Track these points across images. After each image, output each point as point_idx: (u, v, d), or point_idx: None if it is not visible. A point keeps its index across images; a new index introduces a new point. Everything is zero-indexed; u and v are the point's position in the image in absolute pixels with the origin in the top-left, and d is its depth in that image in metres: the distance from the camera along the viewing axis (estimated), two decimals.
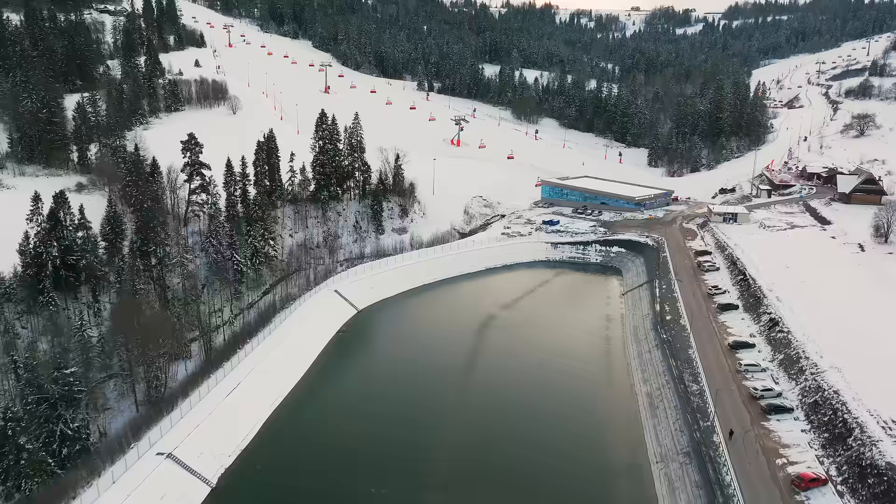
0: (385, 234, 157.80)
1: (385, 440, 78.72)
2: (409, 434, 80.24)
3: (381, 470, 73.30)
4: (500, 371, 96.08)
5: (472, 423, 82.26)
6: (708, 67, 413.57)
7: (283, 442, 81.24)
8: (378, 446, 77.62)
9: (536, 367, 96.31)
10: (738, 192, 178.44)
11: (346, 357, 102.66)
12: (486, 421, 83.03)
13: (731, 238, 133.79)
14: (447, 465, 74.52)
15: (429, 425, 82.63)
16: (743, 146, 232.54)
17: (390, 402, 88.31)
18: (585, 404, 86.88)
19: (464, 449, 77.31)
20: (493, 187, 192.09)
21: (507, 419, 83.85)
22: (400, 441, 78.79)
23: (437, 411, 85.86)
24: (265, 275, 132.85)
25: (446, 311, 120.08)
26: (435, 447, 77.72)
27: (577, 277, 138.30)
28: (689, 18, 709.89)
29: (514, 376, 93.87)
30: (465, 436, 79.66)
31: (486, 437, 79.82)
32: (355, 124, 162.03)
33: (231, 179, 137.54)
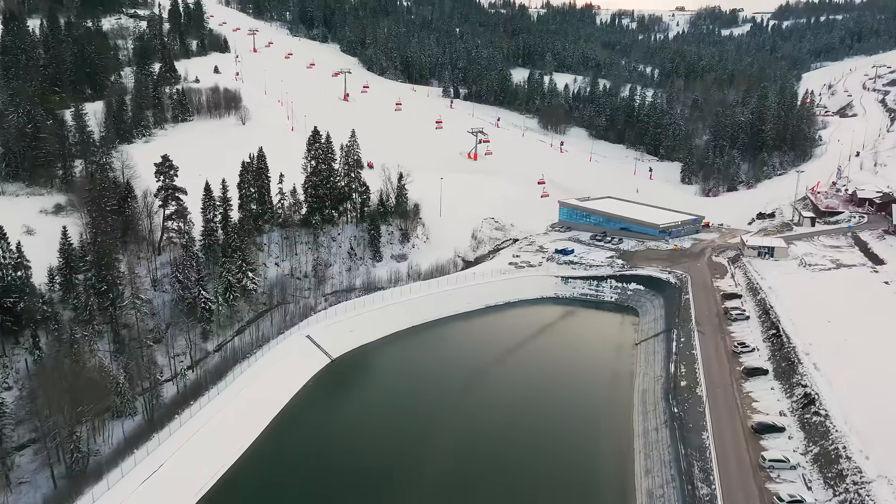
0: (383, 261, 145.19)
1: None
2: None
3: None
4: (474, 450, 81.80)
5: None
6: (753, 71, 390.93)
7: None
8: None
9: (522, 444, 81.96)
10: (778, 217, 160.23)
11: (306, 419, 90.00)
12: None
13: (766, 278, 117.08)
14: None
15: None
16: (787, 162, 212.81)
17: (353, 473, 75.84)
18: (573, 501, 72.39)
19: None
20: (508, 206, 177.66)
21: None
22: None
23: (409, 480, 73.54)
24: (243, 309, 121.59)
25: (430, 362, 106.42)
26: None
27: (588, 319, 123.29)
28: (737, 19, 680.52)
29: (491, 458, 79.64)
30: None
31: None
32: (352, 142, 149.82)
33: (210, 204, 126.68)
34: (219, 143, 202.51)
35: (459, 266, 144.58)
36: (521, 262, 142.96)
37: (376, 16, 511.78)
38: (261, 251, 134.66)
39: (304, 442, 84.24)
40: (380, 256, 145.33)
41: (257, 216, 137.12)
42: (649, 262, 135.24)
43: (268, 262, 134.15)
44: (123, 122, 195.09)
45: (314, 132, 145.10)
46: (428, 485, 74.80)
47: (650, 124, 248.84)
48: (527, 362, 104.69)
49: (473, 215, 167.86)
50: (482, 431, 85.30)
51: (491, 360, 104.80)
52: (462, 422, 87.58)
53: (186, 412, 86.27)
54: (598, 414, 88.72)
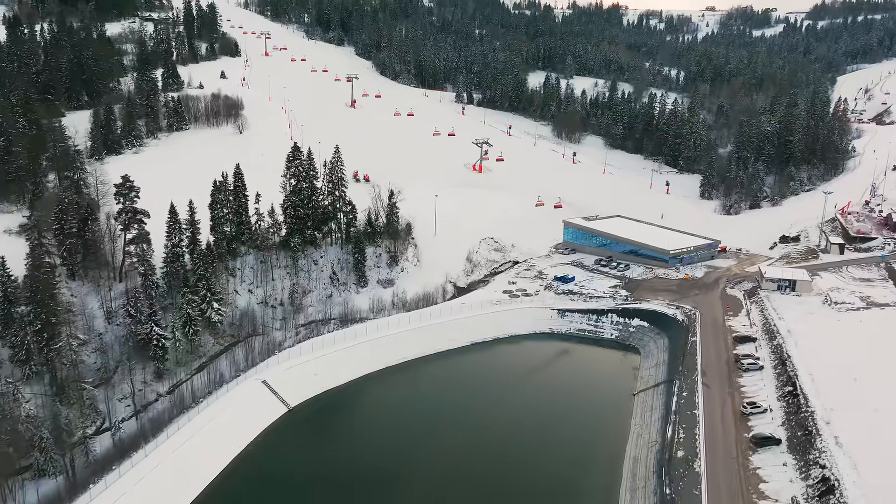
0: (368, 286, 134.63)
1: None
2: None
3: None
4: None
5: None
6: (784, 75, 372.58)
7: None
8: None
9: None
10: (803, 241, 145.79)
11: (251, 480, 79.52)
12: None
13: (785, 318, 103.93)
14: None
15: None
16: (816, 176, 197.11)
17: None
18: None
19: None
20: (511, 223, 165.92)
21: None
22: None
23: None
24: (207, 343, 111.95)
25: (400, 410, 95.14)
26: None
27: (584, 359, 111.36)
28: (769, 19, 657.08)
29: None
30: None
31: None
32: (336, 158, 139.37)
33: (175, 227, 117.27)
34: (212, 153, 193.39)
35: (449, 294, 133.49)
36: (517, 290, 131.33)
37: (396, 18, 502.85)
38: (233, 276, 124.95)
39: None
40: (365, 281, 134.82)
41: (231, 239, 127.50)
42: (656, 293, 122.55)
43: (240, 288, 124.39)
44: (111, 131, 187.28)
45: (293, 149, 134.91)
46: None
47: (669, 133, 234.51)
48: (510, 412, 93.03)
49: (471, 234, 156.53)
50: (451, 491, 74.36)
51: (469, 409, 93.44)
52: (431, 479, 76.94)
53: (115, 471, 76.58)
54: (579, 489, 76.70)
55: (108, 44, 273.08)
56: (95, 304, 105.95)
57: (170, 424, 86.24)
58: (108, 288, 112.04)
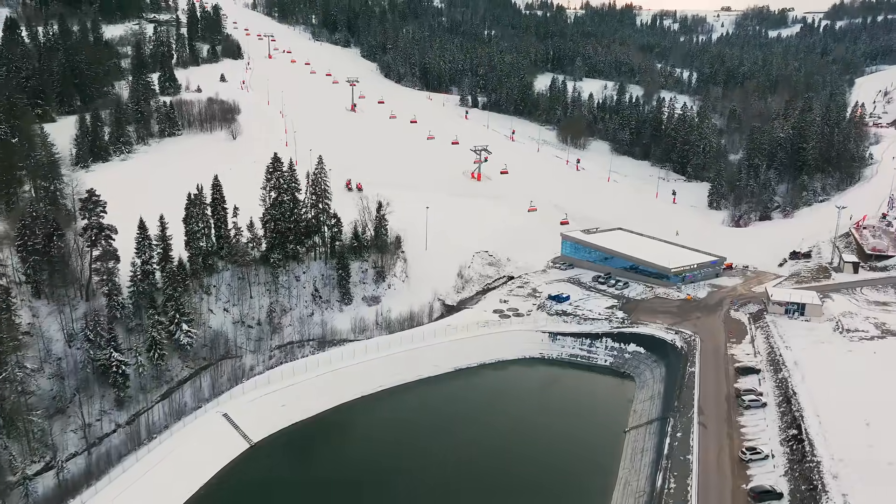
0: (352, 304, 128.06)
1: None
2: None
3: None
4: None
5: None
6: (800, 77, 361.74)
7: None
8: None
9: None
10: (815, 258, 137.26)
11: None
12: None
13: (792, 347, 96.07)
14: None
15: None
16: (830, 186, 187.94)
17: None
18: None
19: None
20: (508, 235, 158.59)
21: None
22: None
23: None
24: (176, 367, 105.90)
25: (372, 445, 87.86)
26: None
27: (575, 388, 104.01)
28: (786, 19, 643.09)
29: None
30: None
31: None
32: (319, 170, 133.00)
33: (145, 244, 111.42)
34: (203, 160, 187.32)
35: (437, 313, 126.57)
36: (508, 309, 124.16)
37: (405, 19, 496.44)
38: (207, 294, 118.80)
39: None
40: (349, 299, 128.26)
41: (207, 254, 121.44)
42: (655, 315, 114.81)
43: (214, 307, 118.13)
44: (98, 138, 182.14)
45: (274, 159, 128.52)
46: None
47: (677, 139, 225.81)
48: (490, 448, 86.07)
49: (466, 247, 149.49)
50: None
51: (446, 445, 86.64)
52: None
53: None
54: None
55: (106, 47, 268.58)
56: (53, 326, 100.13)
57: (123, 460, 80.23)
58: (73, 308, 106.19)
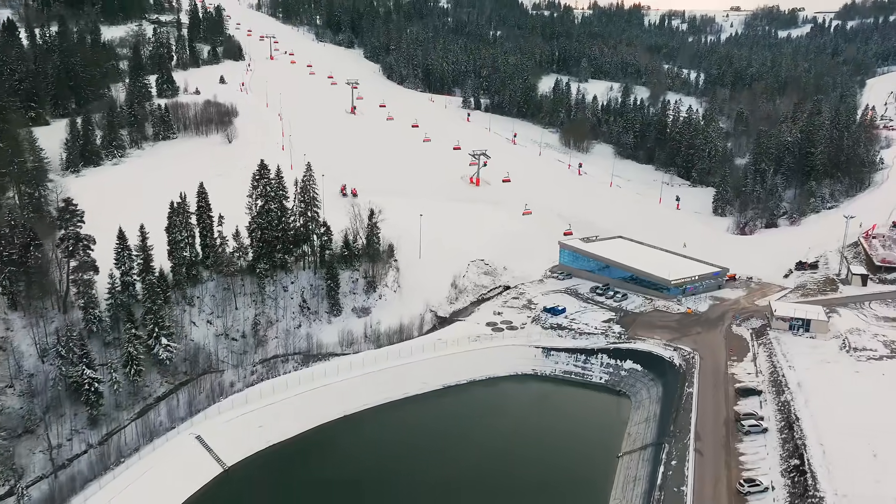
0: (342, 315, 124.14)
1: None
2: None
3: None
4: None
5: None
6: (810, 79, 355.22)
7: None
8: None
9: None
10: (822, 269, 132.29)
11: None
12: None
13: (795, 366, 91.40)
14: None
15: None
16: (839, 192, 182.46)
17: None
18: None
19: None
20: (506, 242, 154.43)
21: None
22: None
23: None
24: (155, 382, 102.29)
25: (351, 469, 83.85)
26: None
27: (568, 407, 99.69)
28: (796, 19, 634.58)
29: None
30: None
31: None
32: (308, 176, 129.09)
33: (125, 255, 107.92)
34: (196, 164, 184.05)
35: (429, 325, 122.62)
36: (502, 322, 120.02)
37: (410, 19, 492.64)
38: (191, 306, 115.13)
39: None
40: (338, 310, 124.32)
41: (191, 264, 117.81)
42: (653, 330, 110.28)
43: (198, 319, 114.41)
44: (90, 142, 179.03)
45: (260, 166, 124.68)
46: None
47: (682, 143, 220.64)
48: (478, 471, 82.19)
49: (461, 255, 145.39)
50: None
51: (431, 467, 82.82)
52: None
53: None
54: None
55: (104, 49, 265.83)
56: (25, 341, 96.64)
57: (87, 486, 76.65)
58: (50, 320, 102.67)
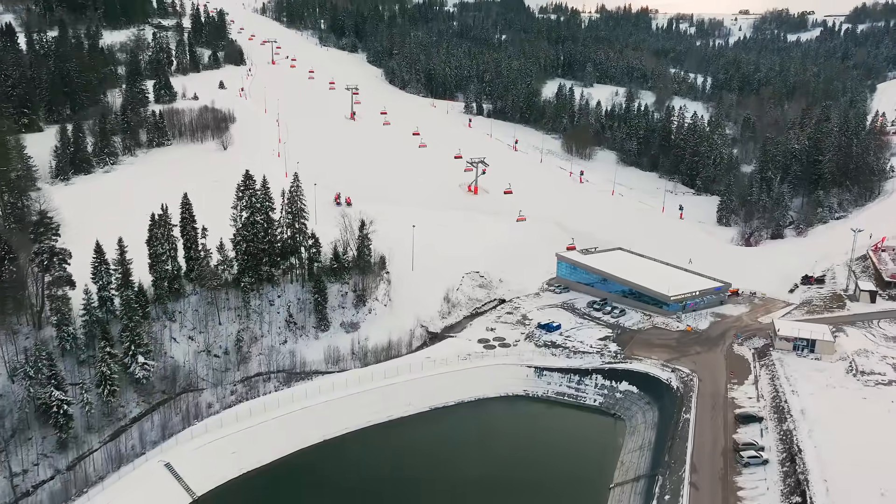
0: (329, 330, 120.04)
1: None
2: None
3: None
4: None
5: None
6: (819, 83, 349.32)
7: None
8: None
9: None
10: (829, 283, 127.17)
11: None
12: None
13: (799, 391, 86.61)
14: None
15: None
16: (848, 201, 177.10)
17: None
18: None
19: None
20: (502, 252, 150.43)
21: None
22: None
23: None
24: (131, 402, 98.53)
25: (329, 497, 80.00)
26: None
27: (559, 432, 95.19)
28: (806, 23, 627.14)
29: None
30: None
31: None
32: (295, 187, 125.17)
33: (102, 269, 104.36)
34: (189, 172, 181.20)
35: (419, 341, 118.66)
36: (494, 338, 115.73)
37: (415, 24, 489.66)
38: (172, 321, 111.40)
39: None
40: (326, 325, 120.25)
41: (173, 278, 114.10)
42: (651, 349, 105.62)
43: (179, 335, 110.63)
44: (80, 149, 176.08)
45: (245, 176, 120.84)
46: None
47: (686, 150, 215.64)
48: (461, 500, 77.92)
49: (456, 266, 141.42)
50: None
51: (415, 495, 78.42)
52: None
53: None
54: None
55: (101, 54, 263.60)
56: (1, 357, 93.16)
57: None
58: (25, 337, 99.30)
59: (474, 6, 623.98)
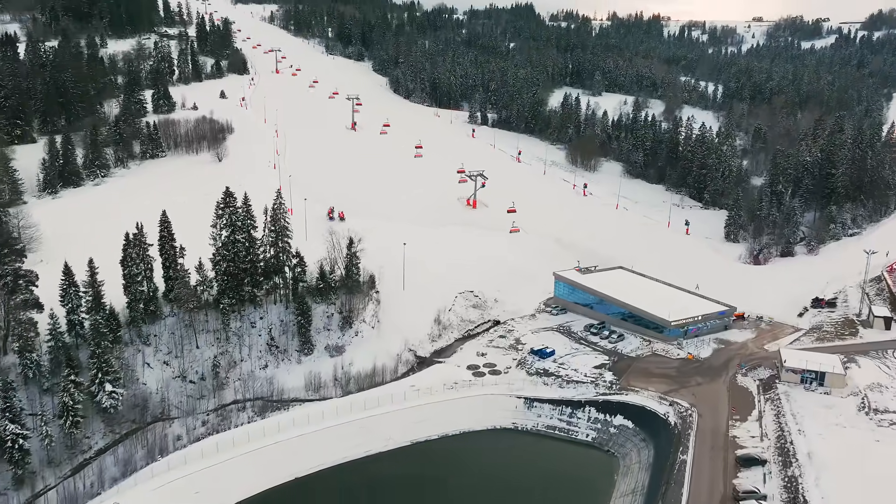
0: (313, 354, 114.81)
1: None
2: None
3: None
4: None
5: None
6: (833, 92, 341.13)
7: None
8: None
9: None
10: (841, 307, 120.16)
11: None
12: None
13: (806, 431, 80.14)
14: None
15: None
16: (862, 217, 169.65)
17: None
18: None
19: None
20: (500, 269, 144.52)
21: None
22: None
23: None
24: (97, 433, 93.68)
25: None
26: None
27: (548, 470, 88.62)
28: (821, 30, 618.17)
29: None
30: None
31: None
32: (278, 203, 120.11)
33: (72, 291, 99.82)
34: (181, 185, 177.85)
35: (406, 367, 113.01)
36: (485, 364, 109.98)
37: (424, 32, 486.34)
38: (146, 345, 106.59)
39: None
40: (309, 348, 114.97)
41: (149, 300, 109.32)
42: (649, 379, 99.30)
43: (153, 359, 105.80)
44: (70, 162, 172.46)
45: (225, 193, 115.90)
46: None
47: (694, 162, 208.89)
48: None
49: (449, 285, 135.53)
50: None
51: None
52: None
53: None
54: None
55: (101, 64, 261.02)
56: None
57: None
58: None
59: (484, 14, 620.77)
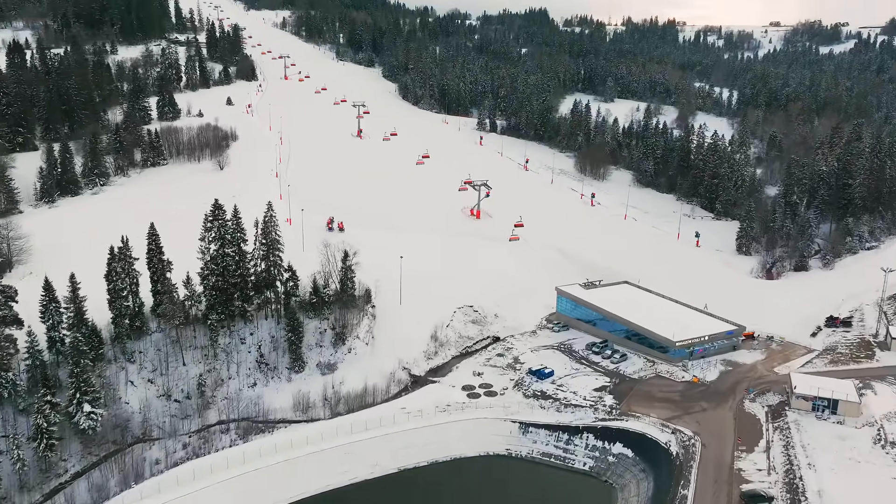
0: (304, 372, 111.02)
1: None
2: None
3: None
4: None
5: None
6: (852, 98, 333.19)
7: None
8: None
9: None
10: (857, 326, 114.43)
11: None
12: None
13: (817, 466, 74.89)
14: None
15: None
16: (881, 229, 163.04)
17: None
18: None
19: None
20: (502, 283, 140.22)
21: None
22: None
23: None
24: (75, 455, 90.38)
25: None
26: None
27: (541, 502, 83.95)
28: (839, 34, 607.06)
29: None
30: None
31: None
32: (268, 216, 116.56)
33: (52, 307, 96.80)
34: (181, 193, 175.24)
35: (400, 386, 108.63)
36: (481, 385, 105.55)
37: (436, 38, 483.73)
38: (131, 362, 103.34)
39: None
40: (301, 366, 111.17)
41: (135, 315, 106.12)
42: (651, 404, 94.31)
43: (137, 378, 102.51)
44: (68, 170, 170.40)
45: (214, 206, 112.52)
46: None
47: (706, 172, 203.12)
48: None
49: (448, 300, 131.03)
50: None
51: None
52: None
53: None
54: None
55: (107, 70, 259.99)
56: None
57: None
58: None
59: (497, 19, 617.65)
